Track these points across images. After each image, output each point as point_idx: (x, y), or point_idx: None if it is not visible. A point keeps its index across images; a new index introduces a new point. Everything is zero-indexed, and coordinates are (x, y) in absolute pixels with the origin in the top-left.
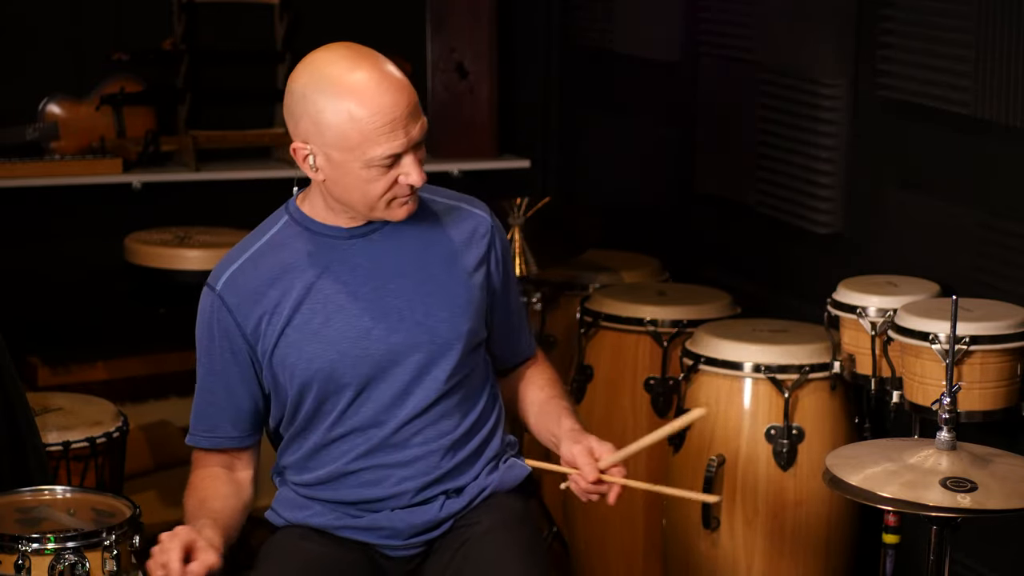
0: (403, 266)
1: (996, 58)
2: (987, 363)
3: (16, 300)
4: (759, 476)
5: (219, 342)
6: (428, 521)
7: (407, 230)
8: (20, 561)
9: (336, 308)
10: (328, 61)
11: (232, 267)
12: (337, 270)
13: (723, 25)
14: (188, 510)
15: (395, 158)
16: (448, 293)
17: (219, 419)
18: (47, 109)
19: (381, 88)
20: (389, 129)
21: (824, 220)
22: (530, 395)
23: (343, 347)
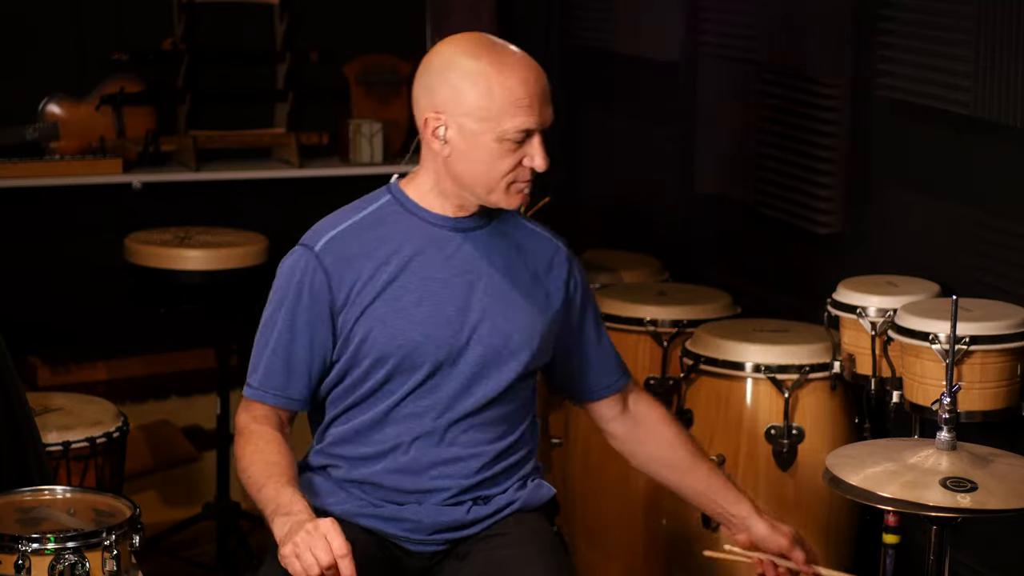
0: (494, 268)
1: (996, 58)
2: (987, 363)
3: (16, 300)
4: (759, 476)
5: (307, 302)
6: (454, 521)
7: (503, 237)
8: (20, 561)
9: (427, 292)
10: (472, 38)
11: (332, 232)
12: (433, 256)
13: (723, 25)
14: (256, 471)
15: (526, 135)
16: (528, 305)
17: (292, 379)
18: (47, 109)
19: (524, 63)
20: (527, 103)
21: (824, 220)
22: (672, 455)
23: (427, 330)
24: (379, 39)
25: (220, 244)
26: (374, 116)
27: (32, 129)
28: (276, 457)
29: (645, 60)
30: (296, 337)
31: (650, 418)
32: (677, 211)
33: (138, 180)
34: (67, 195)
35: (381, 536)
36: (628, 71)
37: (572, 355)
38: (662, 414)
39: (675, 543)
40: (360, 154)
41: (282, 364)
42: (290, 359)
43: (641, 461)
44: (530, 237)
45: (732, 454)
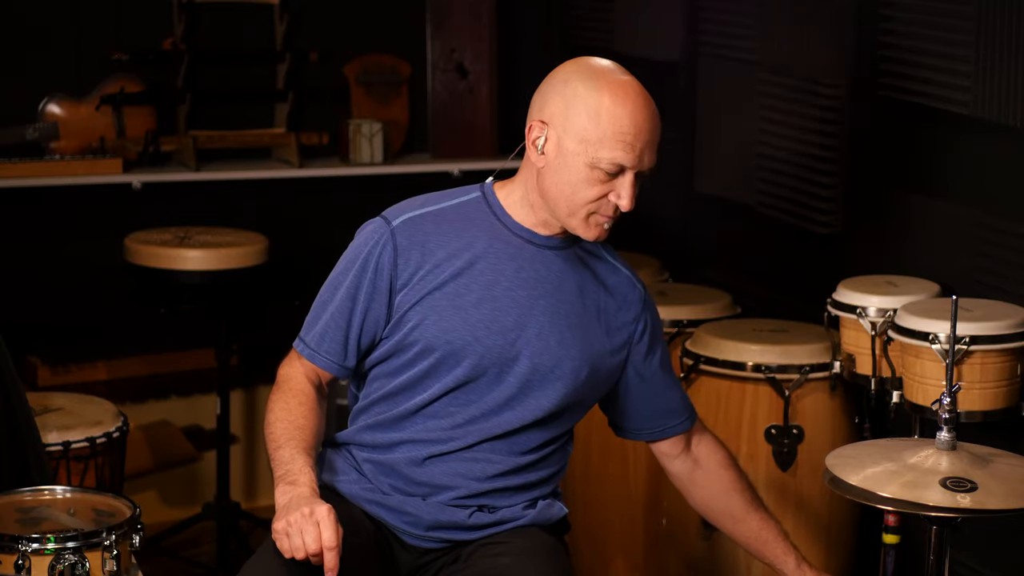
0: (562, 292)
1: (996, 58)
2: (987, 363)
3: (16, 300)
4: (759, 476)
5: (371, 274)
6: (453, 522)
7: (579, 264)
8: (20, 561)
9: (489, 296)
10: (603, 63)
11: (413, 212)
12: (504, 263)
13: (723, 25)
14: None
15: (620, 170)
16: (586, 337)
17: (343, 345)
18: (47, 109)
19: (641, 103)
20: (631, 139)
21: (824, 220)
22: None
23: (479, 332)
24: (379, 39)
25: (220, 244)
26: (374, 116)
27: (32, 129)
28: (303, 421)
29: (645, 60)
30: (355, 305)
31: (710, 461)
32: (677, 211)
33: (138, 180)
34: (67, 195)
35: (380, 524)
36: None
37: (636, 394)
38: (723, 458)
39: (675, 543)
40: (360, 154)
41: (336, 328)
42: (345, 325)
43: (696, 502)
44: (609, 272)
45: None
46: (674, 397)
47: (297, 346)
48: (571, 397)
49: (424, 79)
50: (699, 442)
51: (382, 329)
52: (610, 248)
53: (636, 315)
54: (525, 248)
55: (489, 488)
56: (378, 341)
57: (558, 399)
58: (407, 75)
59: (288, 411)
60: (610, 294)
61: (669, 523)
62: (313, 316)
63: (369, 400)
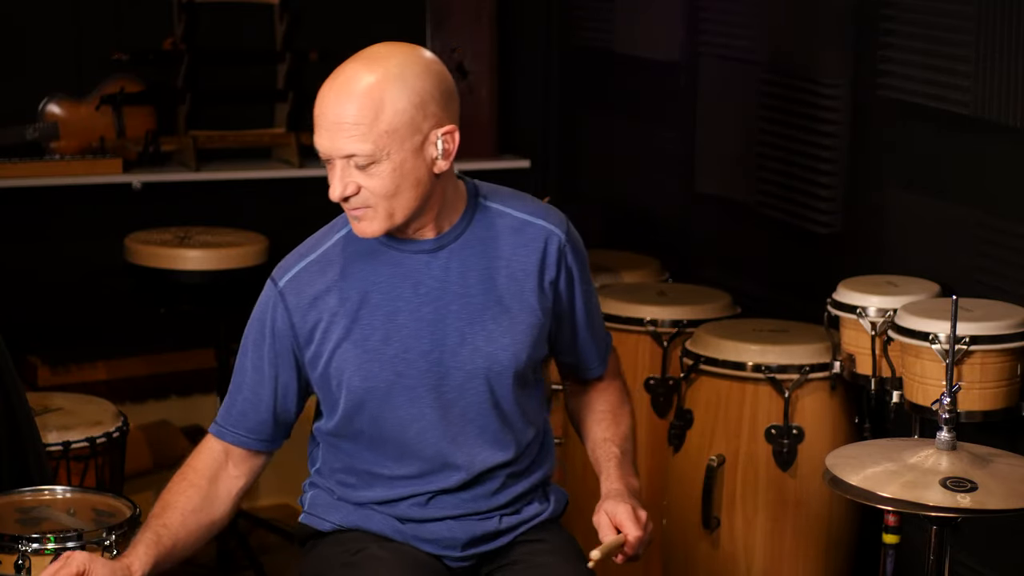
0: (469, 287)
1: (996, 58)
2: (987, 363)
3: (16, 300)
4: (759, 476)
5: (269, 340)
6: (487, 532)
7: (477, 247)
8: (20, 561)
9: (394, 327)
10: (366, 50)
11: (297, 266)
12: (399, 286)
13: (723, 25)
14: (156, 505)
15: (327, 157)
16: (512, 319)
17: (255, 419)
18: (47, 109)
19: (337, 85)
20: (319, 123)
21: (824, 220)
22: (586, 425)
23: (400, 368)
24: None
25: (220, 244)
26: None
27: (32, 129)
28: (173, 498)
29: (645, 60)
30: (260, 377)
31: (599, 384)
32: (677, 211)
33: (138, 180)
34: (67, 195)
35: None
36: (628, 71)
37: (564, 338)
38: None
39: (675, 543)
40: None
41: (243, 402)
42: (252, 398)
43: (571, 407)
44: (518, 232)
45: (732, 454)
46: (597, 334)
47: (215, 432)
48: (523, 378)
49: None
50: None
51: (296, 394)
52: (515, 197)
53: (559, 262)
54: (416, 260)
55: (502, 501)
56: (306, 403)
57: (511, 389)
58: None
59: (169, 489)
60: (528, 253)
61: (669, 523)
62: (229, 402)
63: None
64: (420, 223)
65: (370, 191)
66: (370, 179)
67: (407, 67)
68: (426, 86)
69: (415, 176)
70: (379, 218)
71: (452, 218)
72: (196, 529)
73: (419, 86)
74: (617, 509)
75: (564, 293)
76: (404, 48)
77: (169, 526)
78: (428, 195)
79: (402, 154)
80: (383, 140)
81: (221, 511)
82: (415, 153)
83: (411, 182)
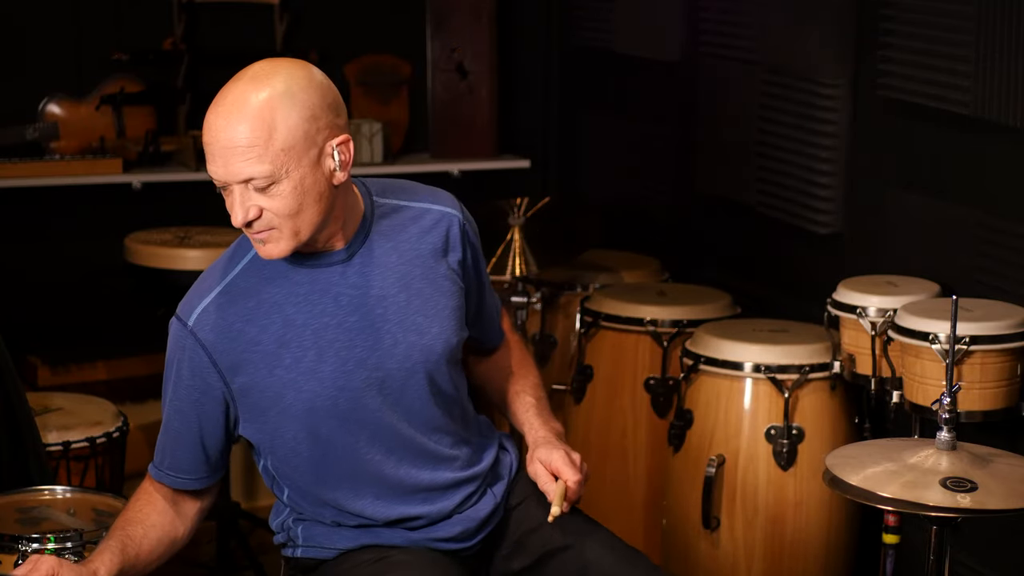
0: (387, 287)
1: (996, 58)
2: (987, 363)
3: (16, 300)
4: (759, 476)
5: (189, 380)
6: (492, 509)
7: (385, 247)
8: (20, 561)
9: (326, 342)
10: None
11: (203, 302)
12: (320, 301)
13: (723, 25)
14: (118, 519)
15: (224, 186)
16: (435, 306)
17: (187, 460)
18: (47, 109)
19: (222, 108)
20: (210, 151)
21: (824, 220)
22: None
23: (341, 382)
24: (379, 39)
25: (220, 244)
26: (374, 116)
27: (32, 129)
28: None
29: (645, 60)
30: (186, 418)
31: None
32: (677, 211)
33: (138, 180)
34: (67, 195)
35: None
36: (628, 71)
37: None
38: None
39: (675, 543)
40: (360, 154)
41: (174, 445)
42: (181, 441)
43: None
44: (418, 222)
45: (732, 454)
46: (496, 305)
47: (153, 475)
48: (454, 358)
49: (424, 79)
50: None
51: (227, 430)
52: (404, 187)
53: (463, 241)
54: (331, 272)
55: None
56: (235, 437)
57: (447, 373)
58: (407, 75)
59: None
60: (432, 239)
61: (669, 523)
62: (161, 444)
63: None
64: (327, 235)
65: (273, 212)
66: (271, 200)
67: (293, 82)
68: (315, 99)
69: (316, 191)
70: (284, 238)
71: (355, 223)
72: (157, 545)
73: (308, 100)
74: (551, 456)
75: (471, 270)
76: (286, 63)
77: (133, 537)
78: (331, 207)
79: (301, 170)
80: (280, 159)
81: (182, 530)
82: (313, 167)
83: (313, 197)
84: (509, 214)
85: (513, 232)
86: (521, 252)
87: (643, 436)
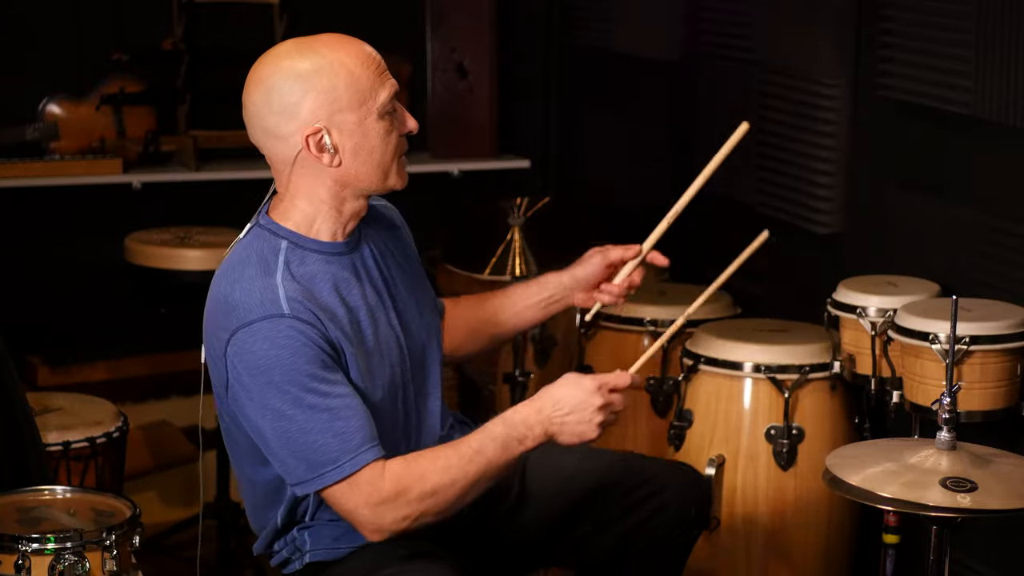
0: (389, 273)
1: (996, 58)
2: (987, 363)
3: (16, 300)
4: (759, 476)
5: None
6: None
7: (369, 232)
8: (20, 561)
9: (371, 322)
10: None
11: (279, 295)
12: (355, 285)
13: (723, 25)
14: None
15: (393, 103)
16: (421, 287)
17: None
18: (47, 109)
19: (352, 41)
20: (381, 70)
21: (824, 220)
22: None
23: (393, 358)
24: (379, 39)
25: (220, 244)
26: None
27: (32, 129)
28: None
29: (645, 60)
30: (349, 388)
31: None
32: None
33: (138, 180)
34: (67, 195)
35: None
36: (628, 71)
37: None
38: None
39: None
40: None
41: (361, 421)
42: (354, 409)
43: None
44: (381, 215)
45: (732, 454)
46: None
47: (345, 471)
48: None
49: (424, 79)
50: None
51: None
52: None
53: (402, 221)
54: (352, 259)
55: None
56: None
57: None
58: (407, 75)
59: (434, 456)
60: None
61: None
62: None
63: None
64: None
65: None
66: None
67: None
68: None
69: None
70: None
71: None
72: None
73: None
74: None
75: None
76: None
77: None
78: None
79: None
80: None
81: None
82: None
83: None
84: (509, 214)
85: (513, 232)
86: (521, 252)
87: (643, 436)
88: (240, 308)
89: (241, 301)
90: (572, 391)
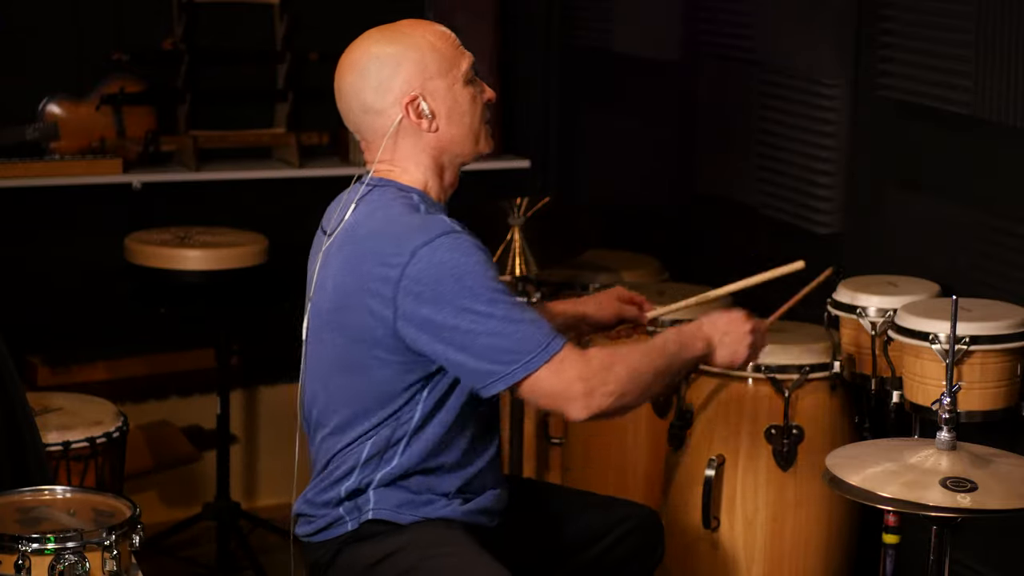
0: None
1: (996, 58)
2: (987, 363)
3: (16, 300)
4: (759, 476)
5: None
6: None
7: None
8: (20, 561)
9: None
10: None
11: (445, 220)
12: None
13: (723, 25)
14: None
15: (474, 71)
16: None
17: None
18: (47, 109)
19: (429, 22)
20: (458, 44)
21: (824, 220)
22: None
23: None
24: None
25: (220, 244)
26: None
27: (32, 129)
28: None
29: (645, 60)
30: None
31: None
32: (677, 211)
33: (138, 180)
34: (67, 195)
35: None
36: (628, 71)
37: None
38: None
39: (675, 543)
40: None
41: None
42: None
43: None
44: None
45: (732, 454)
46: None
47: (556, 348)
48: None
49: None
50: None
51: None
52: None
53: None
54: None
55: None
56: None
57: None
58: None
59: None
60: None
61: (669, 523)
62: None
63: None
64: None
65: None
66: None
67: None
68: None
69: None
70: None
71: None
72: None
73: None
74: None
75: None
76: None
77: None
78: None
79: None
80: None
81: None
82: None
83: None
84: (509, 214)
85: (513, 232)
86: (521, 252)
87: (643, 436)
88: (412, 232)
89: (409, 227)
90: (725, 316)
